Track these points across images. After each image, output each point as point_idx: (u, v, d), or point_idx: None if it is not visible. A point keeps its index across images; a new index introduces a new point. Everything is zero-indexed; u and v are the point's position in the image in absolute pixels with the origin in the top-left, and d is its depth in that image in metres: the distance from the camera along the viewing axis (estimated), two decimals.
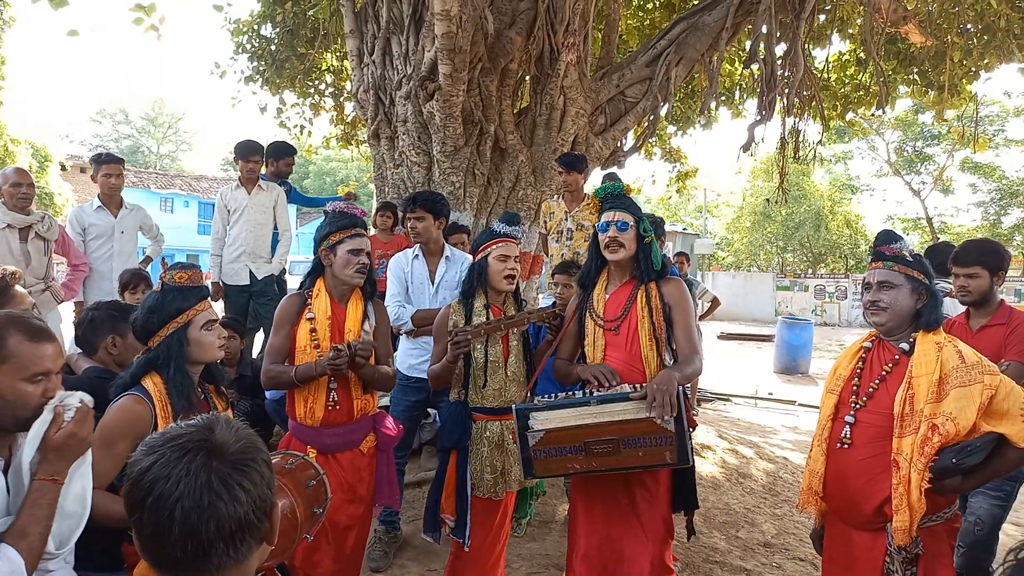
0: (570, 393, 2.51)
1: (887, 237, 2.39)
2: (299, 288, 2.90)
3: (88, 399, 1.75)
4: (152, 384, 2.16)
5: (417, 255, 3.92)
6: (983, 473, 2.15)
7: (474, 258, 3.04)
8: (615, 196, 2.76)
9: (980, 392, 2.08)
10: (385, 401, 3.88)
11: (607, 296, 2.74)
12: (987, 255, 3.24)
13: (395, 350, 3.97)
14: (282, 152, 6.12)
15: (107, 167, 5.09)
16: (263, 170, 5.79)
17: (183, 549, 0.98)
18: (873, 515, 2.24)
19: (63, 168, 22.50)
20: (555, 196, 5.46)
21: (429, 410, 4.33)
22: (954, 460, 2.06)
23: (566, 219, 5.07)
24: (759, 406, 9.83)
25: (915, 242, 28.89)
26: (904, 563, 2.14)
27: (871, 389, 2.30)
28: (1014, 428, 2.07)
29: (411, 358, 3.85)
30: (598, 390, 2.46)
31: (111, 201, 5.14)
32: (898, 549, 2.13)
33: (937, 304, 2.27)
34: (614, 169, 6.90)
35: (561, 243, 5.09)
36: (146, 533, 1.01)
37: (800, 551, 4.32)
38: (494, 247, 2.94)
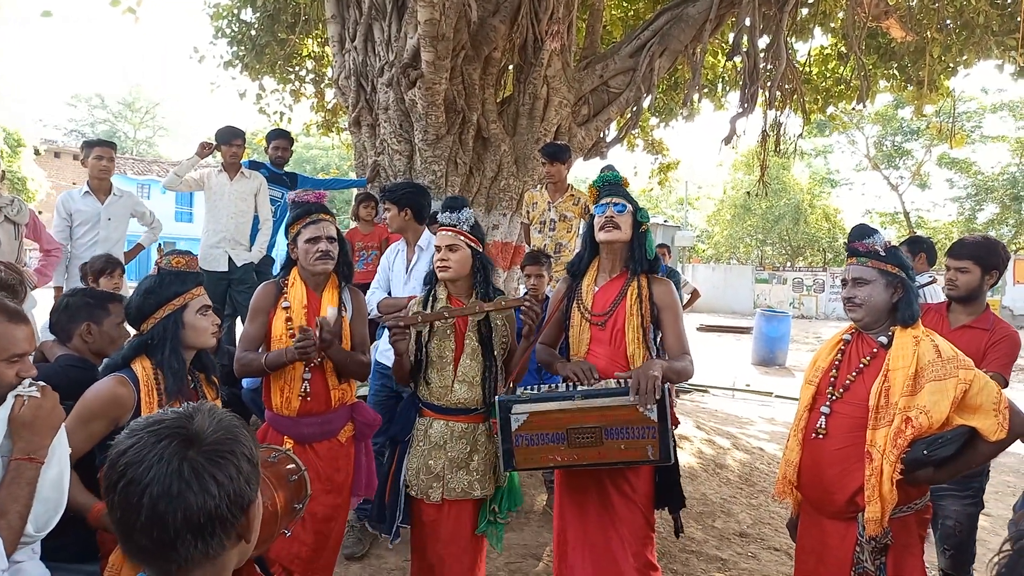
0: (553, 386, 2.48)
1: (860, 232, 2.37)
2: (275, 277, 2.87)
3: (40, 384, 1.76)
4: (141, 368, 2.14)
5: (403, 246, 3.93)
6: (955, 465, 2.17)
7: None
8: (612, 184, 2.73)
9: (954, 386, 2.10)
10: (363, 391, 3.87)
11: (596, 289, 2.72)
12: (981, 250, 3.09)
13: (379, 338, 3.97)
14: (271, 137, 6.06)
15: (99, 149, 5.04)
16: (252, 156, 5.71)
17: (149, 536, 0.97)
18: (845, 505, 2.27)
19: (37, 153, 22.08)
20: (538, 186, 5.45)
21: None
22: (925, 451, 2.08)
23: (549, 209, 5.06)
24: (736, 397, 9.93)
25: (892, 236, 29.29)
26: (873, 553, 2.16)
27: (848, 381, 2.31)
28: (986, 422, 2.09)
29: (381, 343, 3.85)
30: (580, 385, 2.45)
31: (99, 187, 5.08)
32: (868, 539, 2.15)
33: (911, 299, 2.27)
34: (610, 163, 6.90)
35: (544, 233, 5.08)
36: (116, 517, 0.99)
37: (775, 541, 4.37)
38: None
